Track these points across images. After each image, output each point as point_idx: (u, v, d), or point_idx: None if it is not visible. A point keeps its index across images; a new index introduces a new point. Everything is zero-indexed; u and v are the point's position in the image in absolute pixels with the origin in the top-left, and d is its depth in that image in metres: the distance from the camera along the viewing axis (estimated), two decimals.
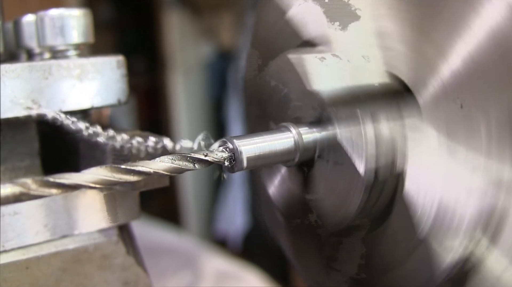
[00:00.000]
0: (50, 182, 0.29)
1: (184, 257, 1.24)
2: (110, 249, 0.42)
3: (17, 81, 0.39)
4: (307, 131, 0.37)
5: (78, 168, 0.43)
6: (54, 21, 0.42)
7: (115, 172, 0.31)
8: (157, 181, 0.41)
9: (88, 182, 0.31)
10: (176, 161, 0.33)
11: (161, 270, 1.15)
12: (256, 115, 0.44)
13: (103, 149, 0.41)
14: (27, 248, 0.40)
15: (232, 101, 2.64)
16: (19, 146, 0.42)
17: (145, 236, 1.10)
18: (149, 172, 0.32)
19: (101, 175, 0.31)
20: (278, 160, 0.37)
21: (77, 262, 0.41)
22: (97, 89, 0.43)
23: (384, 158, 0.34)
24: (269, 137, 0.36)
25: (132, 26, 3.35)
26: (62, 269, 0.40)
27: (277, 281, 1.50)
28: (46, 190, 0.29)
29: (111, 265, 0.42)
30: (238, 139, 0.35)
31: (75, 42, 0.43)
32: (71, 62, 0.42)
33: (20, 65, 0.40)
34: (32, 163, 0.43)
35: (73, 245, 0.41)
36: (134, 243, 0.46)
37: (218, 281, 1.16)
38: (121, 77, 0.44)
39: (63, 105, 0.41)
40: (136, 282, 0.43)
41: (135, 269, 0.43)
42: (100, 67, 0.43)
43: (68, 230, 0.41)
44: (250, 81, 0.46)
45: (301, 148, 0.36)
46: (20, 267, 0.39)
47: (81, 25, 0.43)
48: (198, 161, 0.33)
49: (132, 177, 0.32)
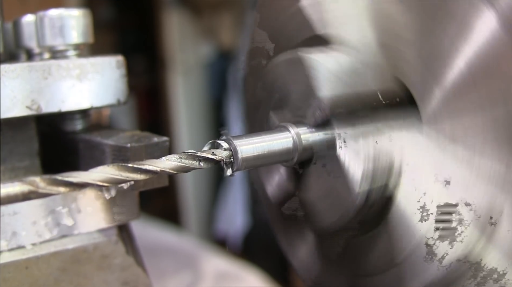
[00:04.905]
0: (58, 180, 0.30)
1: (184, 257, 1.24)
2: (110, 249, 0.42)
3: (17, 81, 0.39)
4: (306, 132, 0.37)
5: (77, 168, 0.43)
6: (53, 21, 0.42)
7: (122, 170, 0.32)
8: (156, 181, 0.41)
9: (95, 180, 0.31)
10: (183, 160, 0.33)
11: (161, 270, 1.15)
12: (256, 105, 0.43)
13: (103, 149, 0.41)
14: (27, 248, 0.40)
15: (232, 101, 2.63)
16: (19, 146, 0.42)
17: (145, 236, 1.10)
18: (156, 170, 0.32)
19: (108, 173, 0.31)
20: (276, 160, 0.37)
21: (77, 262, 0.41)
22: (97, 89, 0.43)
23: (380, 178, 0.34)
24: (268, 137, 0.36)
25: (132, 26, 3.35)
26: (61, 269, 0.40)
27: (277, 281, 1.50)
28: (54, 188, 0.29)
29: (111, 265, 0.42)
30: (237, 139, 0.35)
31: (74, 42, 0.43)
32: (70, 62, 0.42)
33: (20, 65, 0.40)
34: (32, 163, 0.43)
35: (72, 245, 0.41)
36: (134, 243, 0.46)
37: (218, 281, 1.16)
38: (121, 77, 0.44)
39: (62, 105, 0.41)
40: (135, 282, 0.43)
41: (135, 269, 0.43)
42: (100, 67, 0.43)
43: (68, 230, 0.41)
44: (255, 67, 0.45)
45: (300, 148, 0.36)
46: (20, 267, 0.39)
47: (81, 25, 0.43)
48: (204, 159, 0.34)
49: (139, 176, 0.32)
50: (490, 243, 0.31)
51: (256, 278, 1.23)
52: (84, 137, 0.43)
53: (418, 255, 0.34)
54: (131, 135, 0.41)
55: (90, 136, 0.43)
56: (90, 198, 0.42)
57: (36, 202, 0.40)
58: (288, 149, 0.36)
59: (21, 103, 0.40)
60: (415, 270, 0.34)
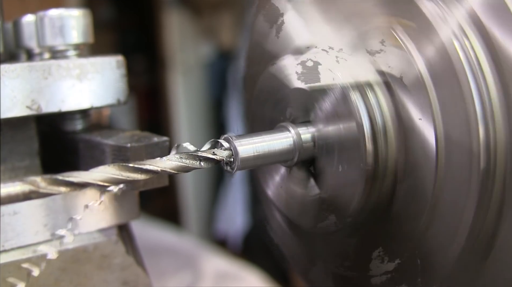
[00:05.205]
0: (59, 180, 0.30)
1: (184, 257, 1.24)
2: (110, 248, 0.42)
3: (17, 81, 0.39)
4: (305, 131, 0.37)
5: (77, 168, 0.43)
6: (53, 21, 0.42)
7: (123, 170, 0.32)
8: (156, 180, 0.41)
9: (96, 180, 0.31)
10: (184, 160, 0.33)
11: (161, 270, 1.15)
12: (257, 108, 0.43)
13: (103, 149, 0.41)
14: (27, 248, 0.40)
15: (232, 101, 2.63)
16: (19, 146, 0.42)
17: (145, 236, 1.10)
18: (157, 170, 0.32)
19: (109, 173, 0.31)
20: (277, 159, 0.37)
21: (77, 261, 0.41)
22: (97, 89, 0.43)
23: (384, 151, 0.34)
24: (268, 137, 0.36)
25: (132, 26, 3.35)
26: (61, 268, 0.40)
27: (277, 281, 1.50)
28: (55, 188, 0.29)
29: (111, 265, 0.42)
30: (237, 139, 0.35)
31: (74, 42, 0.43)
32: (70, 62, 0.42)
33: (20, 65, 0.40)
34: (32, 163, 0.43)
35: (72, 245, 0.41)
36: (134, 242, 0.46)
37: (218, 281, 1.16)
38: (121, 77, 0.44)
39: (62, 105, 0.41)
40: (135, 282, 0.43)
41: (135, 269, 0.43)
42: (100, 67, 0.43)
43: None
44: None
45: (300, 147, 0.36)
46: (20, 267, 0.39)
47: (81, 25, 0.43)
48: (205, 159, 0.34)
49: (140, 176, 0.32)
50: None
51: (256, 278, 1.23)
52: (84, 137, 0.43)
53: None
54: (131, 135, 0.41)
55: (90, 136, 0.43)
56: (90, 198, 0.42)
57: (36, 202, 0.40)
58: (288, 149, 0.36)
59: (21, 103, 0.40)
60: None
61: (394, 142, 0.34)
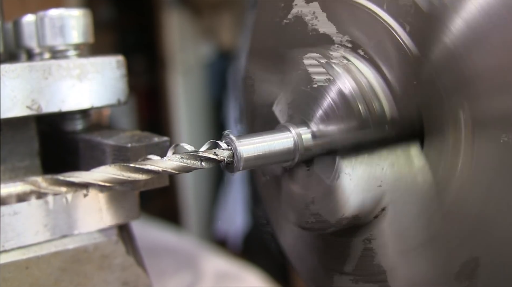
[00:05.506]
0: (60, 180, 0.30)
1: (184, 257, 1.24)
2: (110, 249, 0.42)
3: (17, 81, 0.39)
4: (306, 132, 0.37)
5: (77, 168, 0.43)
6: (54, 21, 0.42)
7: (124, 170, 0.32)
8: (157, 180, 0.41)
9: (97, 180, 0.31)
10: (185, 160, 0.33)
11: (161, 270, 1.15)
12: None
13: (103, 149, 0.41)
14: (27, 248, 0.40)
15: (232, 101, 2.63)
16: (19, 146, 0.42)
17: (145, 236, 1.10)
18: (158, 170, 0.32)
19: (110, 173, 0.31)
20: (277, 160, 0.37)
21: (77, 262, 0.41)
22: (97, 89, 0.43)
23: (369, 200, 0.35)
24: (269, 137, 0.36)
25: (132, 26, 3.35)
26: (61, 269, 0.40)
27: (277, 281, 1.50)
28: (56, 188, 0.29)
29: (111, 265, 0.42)
30: (238, 139, 0.35)
31: (75, 42, 0.43)
32: (70, 62, 0.42)
33: (20, 65, 0.40)
34: (32, 163, 0.43)
35: (72, 245, 0.41)
36: (134, 243, 0.46)
37: (218, 281, 1.16)
38: (121, 77, 0.44)
39: (62, 105, 0.41)
40: (135, 282, 0.43)
41: (135, 269, 0.43)
42: (100, 67, 0.43)
43: (68, 230, 0.41)
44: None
45: (301, 148, 0.36)
46: (20, 267, 0.39)
47: (81, 25, 0.43)
48: (206, 159, 0.33)
49: (141, 176, 0.32)
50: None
51: (256, 278, 1.23)
52: (84, 137, 0.43)
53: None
54: (131, 135, 0.41)
55: (90, 136, 0.43)
56: (90, 198, 0.42)
57: (36, 202, 0.40)
58: (289, 149, 0.36)
59: (21, 103, 0.40)
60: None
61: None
